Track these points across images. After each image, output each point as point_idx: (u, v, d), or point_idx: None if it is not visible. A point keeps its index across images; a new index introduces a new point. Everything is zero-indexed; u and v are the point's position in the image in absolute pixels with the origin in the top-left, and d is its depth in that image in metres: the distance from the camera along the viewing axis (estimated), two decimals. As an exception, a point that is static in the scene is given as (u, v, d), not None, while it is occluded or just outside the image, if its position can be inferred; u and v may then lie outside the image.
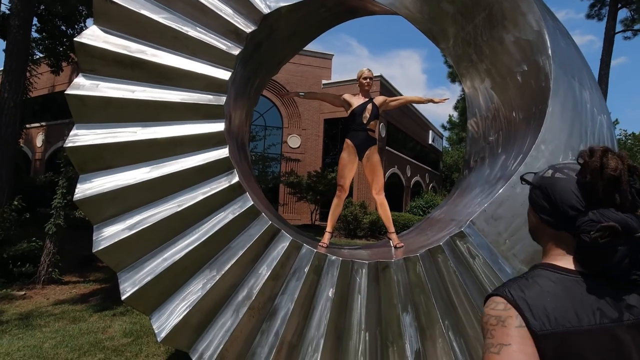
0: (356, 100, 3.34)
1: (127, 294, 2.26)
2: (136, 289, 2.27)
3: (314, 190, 14.91)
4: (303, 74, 18.80)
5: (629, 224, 0.73)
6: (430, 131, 26.81)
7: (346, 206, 13.88)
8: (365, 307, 2.34)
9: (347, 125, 3.41)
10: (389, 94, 17.14)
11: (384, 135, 18.43)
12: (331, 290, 2.36)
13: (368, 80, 3.35)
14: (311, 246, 2.47)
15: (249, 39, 2.70)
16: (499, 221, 2.42)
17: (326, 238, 3.11)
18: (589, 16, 16.17)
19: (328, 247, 2.97)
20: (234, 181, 2.46)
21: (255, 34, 2.74)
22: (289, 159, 17.29)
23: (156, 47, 2.54)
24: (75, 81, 2.44)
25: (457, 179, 4.46)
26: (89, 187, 2.37)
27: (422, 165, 25.41)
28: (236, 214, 2.41)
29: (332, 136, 19.54)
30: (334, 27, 3.99)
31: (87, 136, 2.41)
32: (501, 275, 2.33)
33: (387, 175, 18.98)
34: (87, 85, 2.44)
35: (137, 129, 2.46)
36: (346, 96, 3.41)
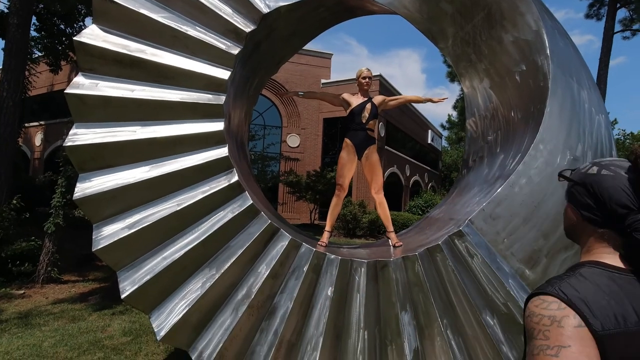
0: (355, 100, 3.35)
1: (127, 293, 2.26)
2: (135, 287, 2.27)
3: (313, 190, 14.92)
4: (302, 73, 18.79)
5: None
6: (430, 130, 26.82)
7: (345, 205, 13.88)
8: (364, 306, 2.35)
9: (346, 124, 3.41)
10: (388, 93, 17.17)
11: (383, 134, 18.43)
12: (330, 289, 2.36)
13: (367, 79, 3.36)
14: (310, 245, 2.47)
15: (249, 39, 2.70)
16: (497, 220, 2.43)
17: (325, 237, 3.11)
18: (588, 16, 16.21)
19: (327, 246, 2.98)
20: (233, 180, 2.46)
21: (255, 33, 2.74)
22: (288, 158, 17.27)
23: (156, 47, 2.54)
24: (75, 80, 2.44)
25: (456, 178, 4.47)
26: (89, 186, 2.38)
27: (421, 164, 25.43)
28: (235, 213, 2.42)
29: (331, 135, 19.54)
30: (333, 26, 4.00)
31: (86, 135, 2.41)
32: (499, 274, 2.34)
33: (386, 175, 19.00)
34: (87, 85, 2.44)
35: (136, 128, 2.47)
36: (345, 95, 3.41)
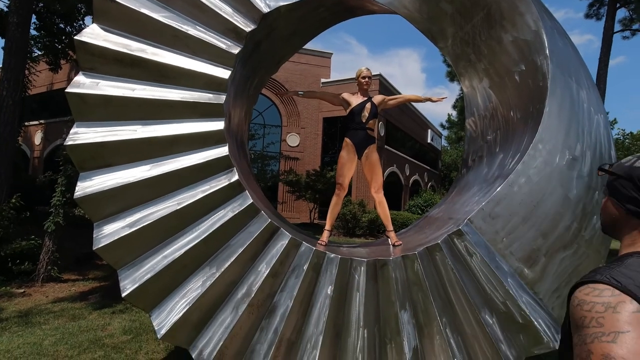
0: (355, 99, 3.35)
1: (127, 291, 2.27)
2: (136, 286, 2.28)
3: (312, 189, 14.92)
4: (302, 72, 18.78)
5: None
6: (429, 130, 26.81)
7: (345, 205, 13.89)
8: (363, 305, 2.36)
9: (346, 124, 3.42)
10: (388, 92, 17.15)
11: (382, 134, 18.44)
12: (330, 287, 2.37)
13: (367, 79, 3.36)
14: (310, 244, 2.48)
15: (249, 38, 2.71)
16: (496, 219, 2.44)
17: (325, 236, 3.12)
18: (587, 16, 16.20)
19: (327, 245, 2.99)
20: (233, 179, 2.47)
21: (255, 32, 2.75)
22: (288, 158, 17.28)
23: (156, 46, 2.55)
24: (76, 79, 2.45)
25: (456, 177, 4.48)
26: (89, 185, 2.39)
27: (421, 164, 25.44)
28: (236, 212, 2.43)
29: (331, 135, 19.53)
30: (333, 26, 4.01)
31: (87, 134, 2.42)
32: (498, 273, 2.35)
33: (386, 174, 19.01)
34: (87, 84, 2.45)
35: (137, 127, 2.48)
36: (345, 95, 3.42)
